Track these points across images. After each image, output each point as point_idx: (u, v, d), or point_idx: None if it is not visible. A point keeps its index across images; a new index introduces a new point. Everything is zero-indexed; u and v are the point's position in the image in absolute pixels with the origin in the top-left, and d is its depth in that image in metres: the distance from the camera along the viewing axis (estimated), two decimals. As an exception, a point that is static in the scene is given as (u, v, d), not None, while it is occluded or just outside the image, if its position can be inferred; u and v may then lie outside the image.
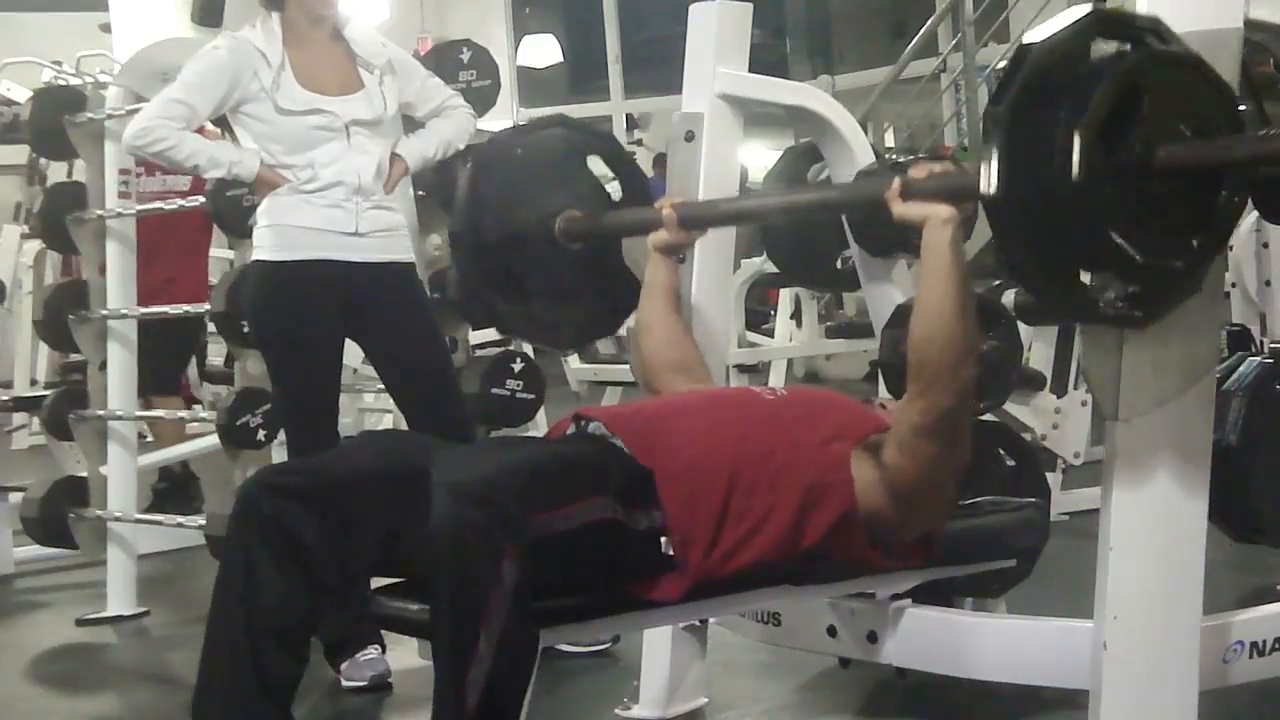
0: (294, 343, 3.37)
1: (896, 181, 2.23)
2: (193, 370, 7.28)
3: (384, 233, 3.40)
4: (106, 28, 10.65)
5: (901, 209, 2.23)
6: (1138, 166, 1.97)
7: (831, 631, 2.94)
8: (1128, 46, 2.00)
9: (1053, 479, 4.27)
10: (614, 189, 3.01)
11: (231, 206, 3.88)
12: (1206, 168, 2.03)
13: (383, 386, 3.71)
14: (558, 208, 2.84)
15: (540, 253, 2.84)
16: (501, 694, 1.94)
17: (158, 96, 3.40)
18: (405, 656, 3.46)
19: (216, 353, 7.47)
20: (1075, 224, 1.95)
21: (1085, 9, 1.97)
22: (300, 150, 3.32)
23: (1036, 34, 1.95)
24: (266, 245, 3.36)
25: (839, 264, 3.53)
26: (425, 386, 3.43)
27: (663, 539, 2.14)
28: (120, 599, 4.39)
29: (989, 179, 1.91)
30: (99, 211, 4.41)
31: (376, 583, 2.26)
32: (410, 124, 3.59)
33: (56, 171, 7.70)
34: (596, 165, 2.98)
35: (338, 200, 3.33)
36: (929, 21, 9.27)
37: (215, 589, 2.16)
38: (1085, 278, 2.05)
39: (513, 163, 2.87)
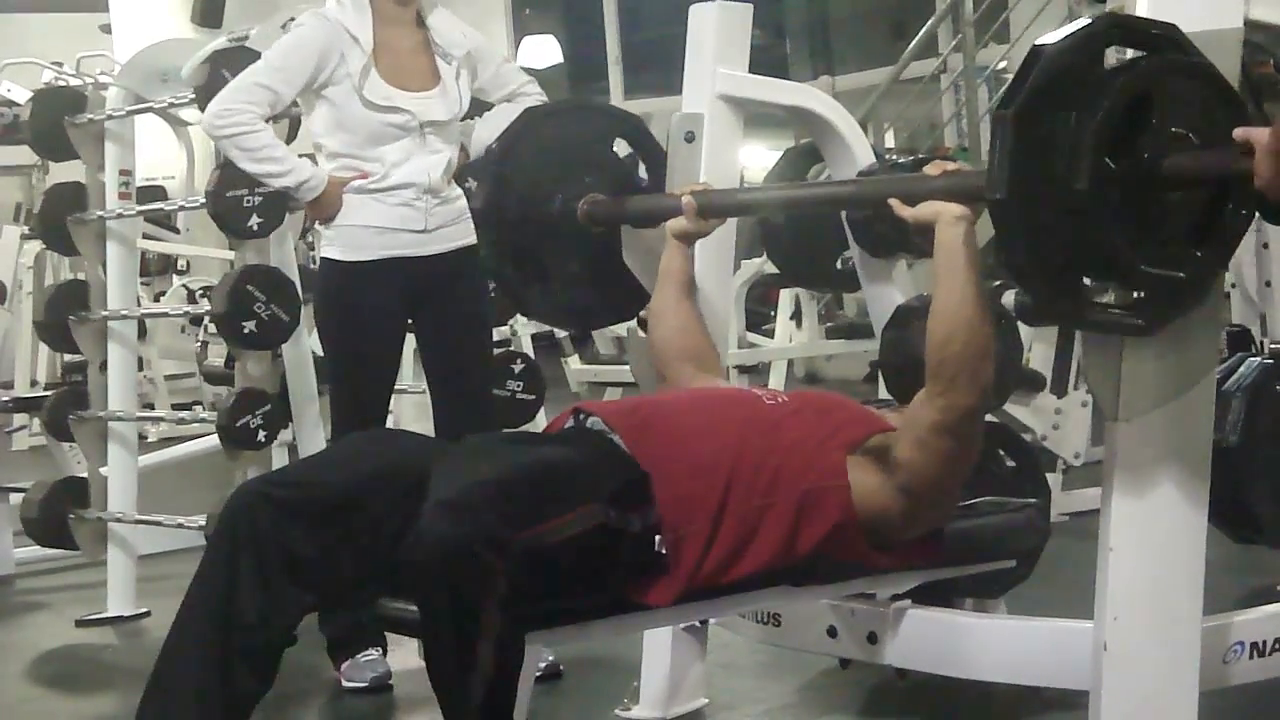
0: (357, 342, 3.39)
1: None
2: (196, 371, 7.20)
3: (450, 225, 3.38)
4: (106, 28, 10.64)
5: (913, 210, 2.23)
6: (1145, 174, 1.96)
7: (831, 632, 2.94)
8: (1140, 54, 1.99)
9: (1053, 479, 4.26)
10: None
11: (232, 206, 3.88)
12: (1213, 179, 2.02)
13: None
14: (582, 190, 2.85)
15: (562, 234, 2.84)
16: (496, 703, 1.96)
17: (238, 78, 3.31)
18: (406, 657, 3.46)
19: (217, 353, 7.46)
20: (1080, 229, 1.94)
21: (1099, 12, 1.96)
22: (371, 145, 3.29)
23: (1049, 37, 1.95)
24: (335, 244, 3.35)
25: (839, 264, 3.52)
26: (458, 373, 3.46)
27: (657, 537, 2.13)
28: (120, 599, 4.39)
29: (994, 179, 1.91)
30: (99, 212, 4.41)
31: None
32: (479, 105, 3.54)
33: (58, 172, 7.69)
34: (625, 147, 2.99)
35: (408, 199, 3.32)
36: (929, 22, 9.26)
37: (190, 592, 2.11)
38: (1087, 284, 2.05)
39: (539, 143, 2.87)
